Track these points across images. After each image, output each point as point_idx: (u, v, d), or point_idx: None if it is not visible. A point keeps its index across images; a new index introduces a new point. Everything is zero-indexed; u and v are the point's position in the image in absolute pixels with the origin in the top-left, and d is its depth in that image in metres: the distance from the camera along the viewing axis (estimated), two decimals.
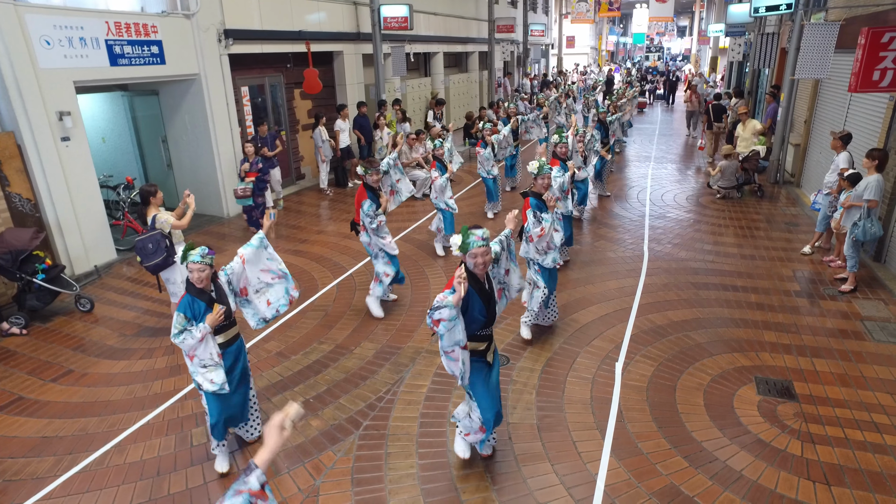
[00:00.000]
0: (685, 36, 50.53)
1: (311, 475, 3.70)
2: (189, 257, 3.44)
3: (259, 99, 10.37)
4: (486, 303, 3.33)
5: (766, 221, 8.55)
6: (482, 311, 3.32)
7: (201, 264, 3.44)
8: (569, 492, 3.49)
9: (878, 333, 5.21)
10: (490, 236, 3.26)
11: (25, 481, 3.72)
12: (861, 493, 3.41)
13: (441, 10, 16.01)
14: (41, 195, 6.57)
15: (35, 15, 6.30)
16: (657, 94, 27.30)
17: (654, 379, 4.61)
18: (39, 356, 5.31)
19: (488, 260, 3.23)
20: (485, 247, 3.17)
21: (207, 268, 3.48)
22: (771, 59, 13.00)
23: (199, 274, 3.46)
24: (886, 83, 6.21)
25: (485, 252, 3.18)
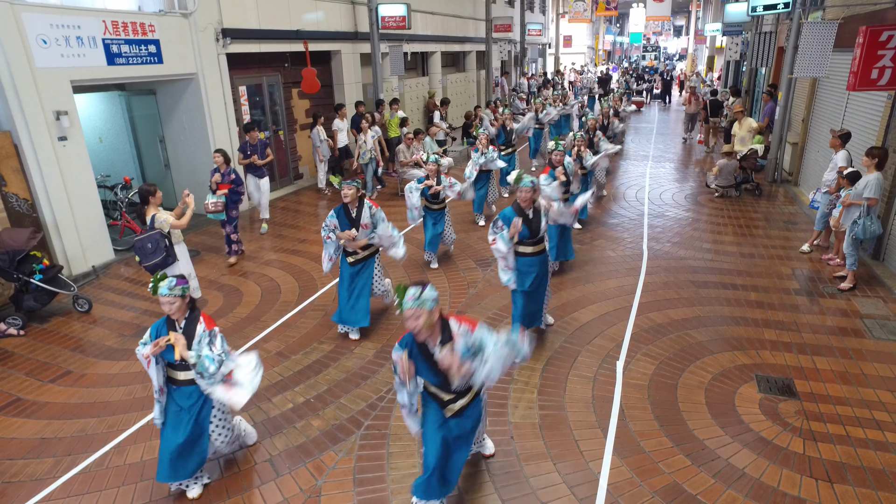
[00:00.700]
0: (681, 35, 50.63)
1: (313, 475, 3.68)
2: (158, 290, 3.27)
3: (257, 98, 10.34)
4: (436, 371, 2.98)
5: (765, 220, 8.57)
6: (433, 375, 3.03)
7: (170, 296, 3.26)
8: (571, 491, 3.49)
9: (877, 331, 5.22)
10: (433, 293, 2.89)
11: (25, 483, 3.70)
12: (864, 491, 3.41)
13: (438, 10, 15.99)
14: (38, 195, 6.53)
15: (32, 14, 6.27)
16: (654, 93, 27.35)
17: (656, 377, 4.61)
18: (37, 357, 5.28)
19: (418, 324, 2.84)
20: (415, 308, 2.81)
21: (178, 299, 3.28)
22: (768, 58, 13.04)
23: (168, 307, 3.28)
24: (885, 81, 6.23)
25: (415, 315, 2.82)
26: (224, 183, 6.97)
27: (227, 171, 6.99)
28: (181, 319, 3.37)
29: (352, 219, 5.06)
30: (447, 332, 2.95)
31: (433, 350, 2.95)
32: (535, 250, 4.81)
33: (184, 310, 3.36)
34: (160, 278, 3.30)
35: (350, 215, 5.06)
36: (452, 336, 2.93)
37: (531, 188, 4.65)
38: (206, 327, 3.36)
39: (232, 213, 7.19)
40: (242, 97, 9.86)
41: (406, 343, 3.00)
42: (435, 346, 2.93)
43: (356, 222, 5.05)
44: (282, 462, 3.81)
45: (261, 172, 8.32)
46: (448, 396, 3.12)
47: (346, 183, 4.96)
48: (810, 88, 10.05)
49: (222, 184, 6.97)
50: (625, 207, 9.43)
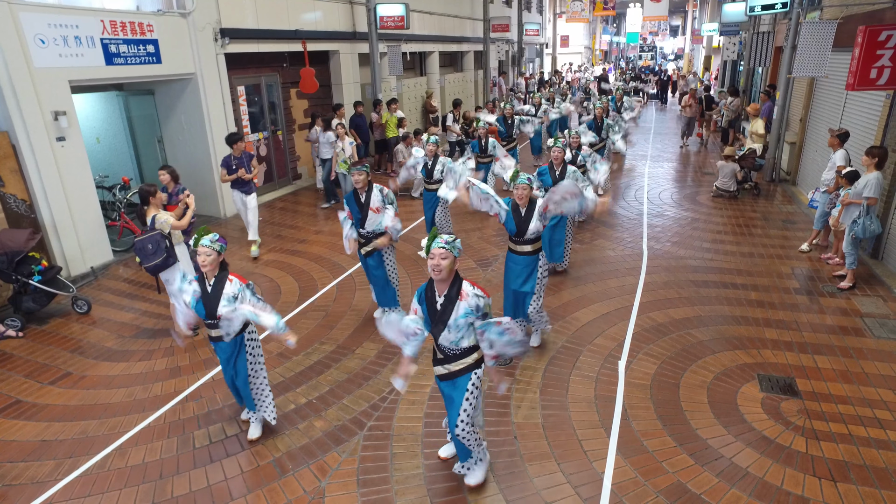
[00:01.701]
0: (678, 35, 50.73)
1: (317, 476, 3.67)
2: (200, 241, 3.54)
3: (256, 98, 10.30)
4: (432, 318, 3.21)
5: (764, 219, 8.59)
6: (428, 324, 3.26)
7: (208, 248, 3.52)
8: (576, 490, 3.49)
9: (877, 330, 5.23)
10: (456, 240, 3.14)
11: (26, 485, 3.68)
12: (867, 489, 3.42)
13: (436, 10, 15.98)
14: (36, 196, 6.50)
15: (30, 13, 6.23)
16: (651, 93, 27.40)
17: (658, 377, 4.61)
18: (36, 359, 5.25)
19: (442, 264, 3.04)
20: (445, 250, 3.05)
21: (214, 253, 3.54)
22: (765, 57, 13.06)
23: (203, 258, 3.53)
24: (884, 81, 6.25)
25: (443, 254, 3.05)
26: (171, 204, 6.01)
27: (175, 190, 6.11)
28: (211, 277, 3.62)
29: (361, 204, 5.09)
30: (457, 286, 3.13)
31: (437, 300, 3.16)
32: (522, 250, 4.73)
33: (215, 267, 3.58)
34: (204, 231, 3.56)
35: (360, 200, 5.10)
36: (461, 293, 3.11)
37: (527, 185, 4.62)
38: (240, 283, 3.63)
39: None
40: (241, 97, 9.83)
41: (420, 289, 3.26)
42: (440, 297, 3.14)
43: (365, 207, 5.08)
44: (285, 463, 3.80)
45: (248, 188, 7.48)
46: (439, 355, 3.31)
47: (356, 169, 5.00)
48: (808, 88, 10.08)
49: (169, 205, 6.01)
50: (624, 207, 9.44)
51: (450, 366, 3.28)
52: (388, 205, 5.18)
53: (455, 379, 3.30)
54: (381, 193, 5.13)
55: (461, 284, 3.15)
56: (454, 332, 3.17)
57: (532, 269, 4.78)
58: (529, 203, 4.65)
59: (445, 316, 3.14)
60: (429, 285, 3.22)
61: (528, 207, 4.64)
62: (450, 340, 3.21)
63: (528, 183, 4.60)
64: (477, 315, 3.15)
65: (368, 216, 5.09)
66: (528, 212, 4.63)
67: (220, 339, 3.74)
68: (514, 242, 4.77)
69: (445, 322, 3.15)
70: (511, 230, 4.70)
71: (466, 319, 3.14)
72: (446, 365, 3.30)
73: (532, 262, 4.77)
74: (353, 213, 5.13)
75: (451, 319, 3.13)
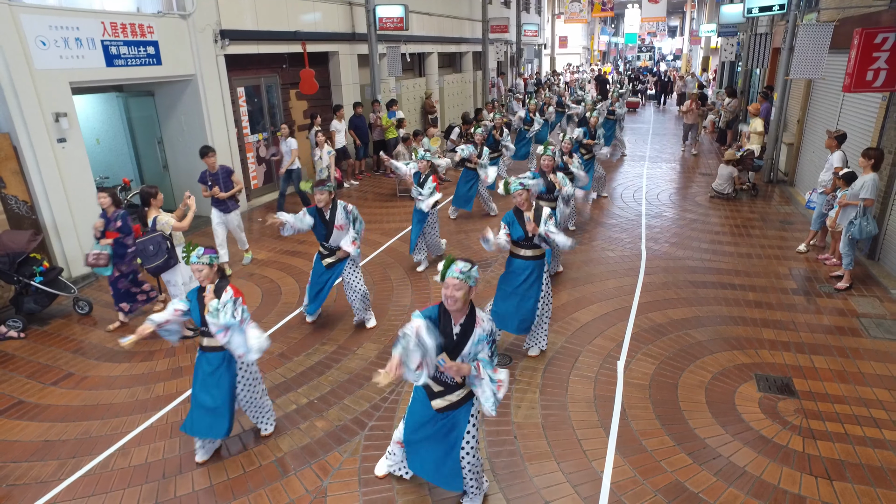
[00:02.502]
0: (676, 36, 50.85)
1: (319, 476, 3.70)
2: (189, 259, 3.60)
3: (255, 99, 10.32)
4: (447, 349, 2.97)
5: (761, 220, 8.64)
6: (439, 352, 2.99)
7: (198, 264, 3.58)
8: (575, 489, 3.52)
9: (874, 330, 5.28)
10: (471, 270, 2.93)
11: (29, 485, 3.70)
12: (862, 488, 3.46)
13: (435, 11, 16.02)
14: (37, 197, 6.52)
15: (30, 15, 6.25)
16: (648, 94, 27.47)
17: (656, 377, 4.65)
18: (38, 359, 5.27)
19: (457, 295, 2.87)
20: (460, 281, 2.87)
21: (206, 267, 3.59)
22: (763, 59, 13.12)
23: (198, 274, 3.61)
24: (880, 83, 6.31)
25: (458, 286, 2.86)
26: (110, 230, 5.59)
27: (113, 216, 5.61)
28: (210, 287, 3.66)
29: (326, 221, 5.13)
30: (472, 317, 2.98)
31: (453, 328, 2.97)
32: (529, 254, 4.72)
33: (212, 278, 3.63)
34: (191, 249, 3.59)
35: (324, 218, 5.12)
36: (476, 322, 2.97)
37: (524, 190, 4.63)
38: (233, 295, 3.61)
39: (121, 269, 5.72)
40: (241, 98, 9.85)
41: (429, 313, 2.99)
42: (455, 326, 2.96)
43: (330, 224, 5.13)
44: (287, 463, 3.83)
45: (226, 206, 7.00)
46: (437, 388, 3.10)
47: (318, 189, 5.02)
48: (805, 89, 10.14)
49: (108, 231, 5.61)
50: (623, 208, 9.48)
51: (451, 396, 3.09)
52: (352, 222, 5.17)
53: (457, 410, 3.13)
54: (346, 210, 5.15)
55: (475, 312, 3.00)
56: (466, 361, 3.00)
57: (538, 275, 4.76)
58: (536, 208, 4.65)
59: (461, 346, 2.97)
60: (441, 311, 2.99)
61: (535, 213, 4.62)
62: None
63: (522, 188, 4.61)
64: (487, 340, 2.98)
65: (333, 233, 5.15)
66: (536, 217, 4.61)
67: (211, 350, 3.68)
68: (517, 247, 4.76)
69: (460, 353, 2.97)
70: (519, 235, 4.68)
71: (478, 347, 2.98)
72: (447, 396, 3.09)
73: (539, 266, 4.76)
74: (318, 227, 5.13)
75: (467, 349, 2.97)
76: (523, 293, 4.76)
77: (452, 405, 3.11)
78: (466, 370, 2.96)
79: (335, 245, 5.24)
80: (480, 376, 2.96)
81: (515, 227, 4.68)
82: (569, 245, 4.57)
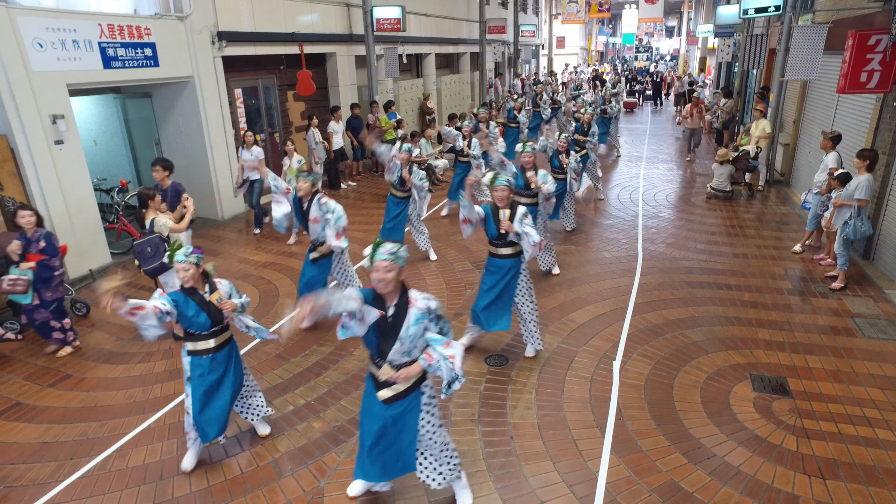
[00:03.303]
0: (673, 36, 50.95)
1: (316, 476, 3.72)
2: (175, 257, 3.52)
3: (253, 101, 10.34)
4: (383, 332, 2.98)
5: (757, 220, 8.68)
6: (375, 339, 3.02)
7: (185, 263, 3.50)
8: (571, 489, 3.55)
9: (868, 330, 5.31)
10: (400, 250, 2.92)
11: (27, 487, 3.71)
12: (855, 486, 3.49)
13: (433, 12, 16.05)
14: (35, 199, 6.53)
15: (27, 17, 6.26)
16: (646, 94, 27.55)
17: (652, 377, 4.68)
18: (36, 361, 5.28)
19: (387, 277, 2.87)
20: (389, 262, 2.86)
21: (193, 266, 3.52)
22: (759, 60, 13.18)
23: (184, 273, 3.52)
24: (873, 84, 6.35)
25: (388, 267, 2.86)
26: (32, 252, 5.01)
27: (35, 236, 5.03)
28: (201, 288, 3.60)
29: (303, 212, 5.22)
30: (405, 297, 2.98)
31: (386, 309, 2.96)
32: (506, 252, 4.70)
33: (198, 279, 3.56)
34: (176, 247, 3.52)
35: (302, 209, 5.23)
36: (409, 301, 2.96)
37: (507, 187, 4.58)
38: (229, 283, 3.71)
39: (45, 296, 5.14)
40: (238, 100, 9.87)
41: (365, 294, 2.98)
42: (390, 308, 2.96)
43: (306, 216, 5.20)
44: (284, 464, 3.84)
45: None
46: (384, 374, 3.03)
47: (303, 176, 5.13)
48: (801, 90, 10.18)
49: (29, 254, 5.01)
50: (619, 209, 9.52)
51: (398, 385, 3.06)
52: (328, 214, 5.12)
53: (405, 398, 3.09)
54: (319, 203, 5.13)
55: (408, 292, 3.00)
56: (407, 343, 2.97)
57: (514, 273, 4.76)
58: (512, 205, 4.62)
59: (397, 327, 2.94)
60: (375, 296, 2.99)
61: (511, 211, 4.58)
62: (402, 353, 2.99)
63: (507, 185, 4.58)
64: (429, 318, 2.98)
65: (310, 226, 5.23)
66: (511, 215, 4.56)
67: (215, 350, 3.66)
68: (493, 246, 4.76)
69: (397, 334, 2.94)
70: (492, 234, 4.69)
71: (419, 326, 2.95)
72: (394, 385, 3.06)
73: (515, 265, 4.76)
74: (297, 216, 5.30)
75: (403, 330, 2.93)
76: (501, 290, 4.78)
77: (399, 395, 3.09)
78: (417, 370, 2.99)
79: (316, 239, 5.32)
80: (432, 362, 2.97)
81: (490, 225, 4.68)
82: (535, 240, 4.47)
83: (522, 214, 4.57)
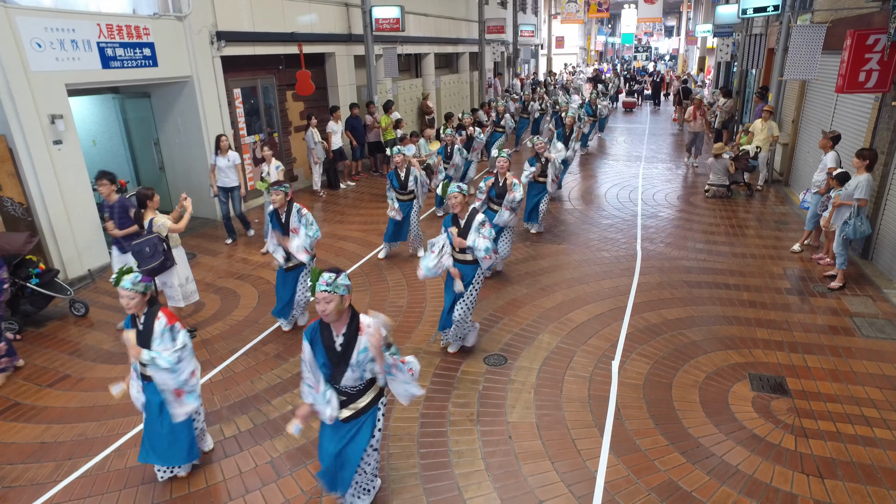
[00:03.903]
0: (673, 36, 50.97)
1: (314, 476, 3.71)
2: (121, 283, 3.28)
3: (252, 101, 10.33)
4: (333, 361, 2.97)
5: (756, 220, 8.68)
6: (326, 364, 2.99)
7: (130, 292, 3.28)
8: (569, 489, 3.55)
9: (866, 329, 5.32)
10: None
11: (25, 487, 3.71)
12: (853, 486, 3.49)
13: (432, 12, 16.05)
14: (33, 199, 6.52)
15: (26, 17, 6.25)
16: (645, 94, 27.57)
17: (650, 377, 4.68)
18: (34, 361, 5.27)
19: (328, 308, 2.83)
20: (328, 293, 2.81)
21: (139, 295, 3.31)
22: (758, 59, 13.19)
23: (126, 301, 3.30)
24: (872, 84, 6.35)
25: (326, 299, 2.82)
26: None
27: None
28: (140, 315, 3.41)
29: (282, 224, 5.20)
30: (355, 323, 2.94)
31: (335, 339, 2.94)
32: (464, 258, 4.79)
33: (142, 306, 3.38)
34: (125, 271, 3.30)
35: (280, 220, 5.20)
36: (360, 329, 2.92)
37: (458, 194, 4.66)
38: (167, 322, 3.38)
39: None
40: (237, 100, 9.86)
41: (310, 329, 3.01)
42: (338, 336, 2.94)
43: (286, 227, 5.19)
44: (283, 464, 3.84)
45: (121, 246, 5.61)
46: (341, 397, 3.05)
47: (274, 189, 5.09)
48: (800, 90, 10.19)
49: None
50: (618, 208, 9.52)
51: (355, 404, 3.07)
52: (307, 226, 5.16)
53: (360, 416, 3.10)
54: (299, 213, 5.18)
55: (358, 319, 2.95)
56: (357, 370, 2.97)
57: (470, 279, 4.82)
58: (470, 213, 4.70)
59: (348, 356, 2.93)
60: (322, 325, 2.98)
61: (468, 219, 4.69)
62: (355, 379, 2.99)
63: (458, 191, 4.67)
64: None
65: (291, 236, 5.17)
66: (468, 223, 4.68)
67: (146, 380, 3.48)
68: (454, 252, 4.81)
69: (347, 362, 2.94)
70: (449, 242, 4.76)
71: (367, 354, 2.94)
72: (351, 405, 3.07)
73: (471, 271, 4.82)
74: (277, 229, 5.21)
75: (354, 356, 2.92)
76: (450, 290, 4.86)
77: (357, 412, 3.10)
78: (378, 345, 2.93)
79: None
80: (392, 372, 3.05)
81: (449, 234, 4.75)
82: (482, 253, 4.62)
83: (479, 223, 4.65)
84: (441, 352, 5.16)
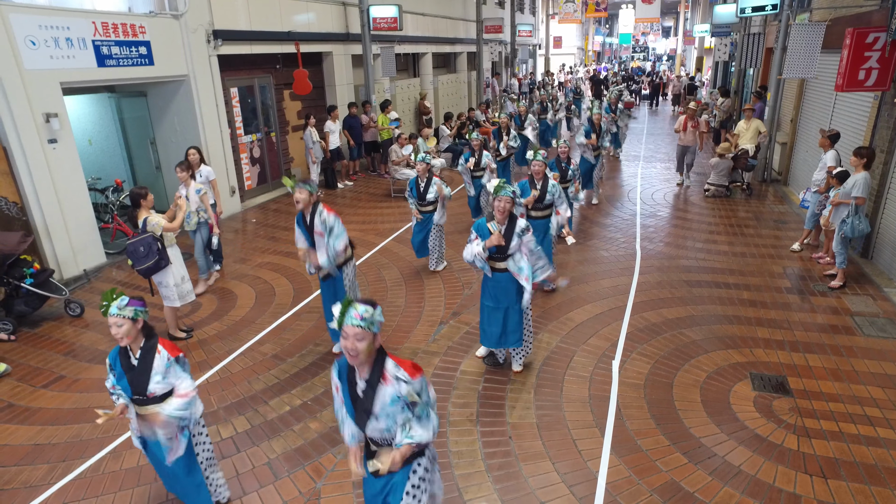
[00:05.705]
0: (670, 36, 51.01)
1: (312, 478, 3.67)
2: (108, 310, 2.89)
3: (249, 100, 10.27)
4: (354, 407, 2.51)
5: (756, 219, 8.66)
6: (350, 412, 2.55)
7: (117, 318, 2.86)
8: (570, 490, 3.51)
9: (867, 328, 5.29)
10: None
11: (18, 490, 3.65)
12: (857, 486, 3.46)
13: (429, 11, 16.01)
14: (28, 198, 6.46)
15: (20, 15, 6.19)
16: (643, 94, 27.60)
17: (651, 376, 4.64)
18: (29, 362, 5.22)
19: (358, 347, 2.32)
20: (361, 329, 2.31)
21: (128, 322, 2.88)
22: (756, 59, 13.18)
23: (115, 329, 2.86)
24: (871, 82, 6.34)
25: (360, 336, 2.31)
26: None
27: None
28: (136, 349, 2.98)
29: (307, 226, 4.63)
30: (379, 367, 2.44)
31: (358, 382, 2.49)
32: (504, 267, 4.37)
33: (135, 336, 2.95)
34: (113, 297, 2.89)
35: (306, 222, 4.64)
36: (384, 375, 2.44)
37: (510, 198, 4.19)
38: (169, 355, 2.99)
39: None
40: (234, 99, 9.81)
41: (340, 366, 2.56)
42: (360, 381, 2.47)
43: (311, 230, 4.61)
44: (280, 465, 3.80)
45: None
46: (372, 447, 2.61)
47: (300, 186, 4.51)
48: (798, 89, 10.18)
49: None
50: (617, 207, 9.49)
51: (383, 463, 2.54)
52: (329, 234, 4.56)
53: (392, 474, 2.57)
54: (321, 218, 4.55)
55: (383, 363, 2.44)
56: (384, 421, 2.47)
57: (518, 286, 4.37)
58: (510, 219, 4.26)
59: (367, 404, 2.45)
60: (348, 365, 2.51)
61: (509, 224, 4.24)
62: (381, 430, 2.50)
63: (511, 196, 4.20)
64: (399, 403, 2.44)
65: (316, 241, 4.60)
66: (510, 228, 4.24)
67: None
68: (493, 259, 4.38)
69: (370, 411, 2.46)
70: (491, 249, 4.30)
71: (396, 406, 2.44)
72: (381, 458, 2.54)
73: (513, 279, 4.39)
74: (304, 235, 4.69)
75: (378, 408, 2.45)
76: (507, 307, 4.45)
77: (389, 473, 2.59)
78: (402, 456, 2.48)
79: None
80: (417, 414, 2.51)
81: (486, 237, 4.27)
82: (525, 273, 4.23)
83: (522, 229, 4.24)
84: (440, 352, 5.11)
